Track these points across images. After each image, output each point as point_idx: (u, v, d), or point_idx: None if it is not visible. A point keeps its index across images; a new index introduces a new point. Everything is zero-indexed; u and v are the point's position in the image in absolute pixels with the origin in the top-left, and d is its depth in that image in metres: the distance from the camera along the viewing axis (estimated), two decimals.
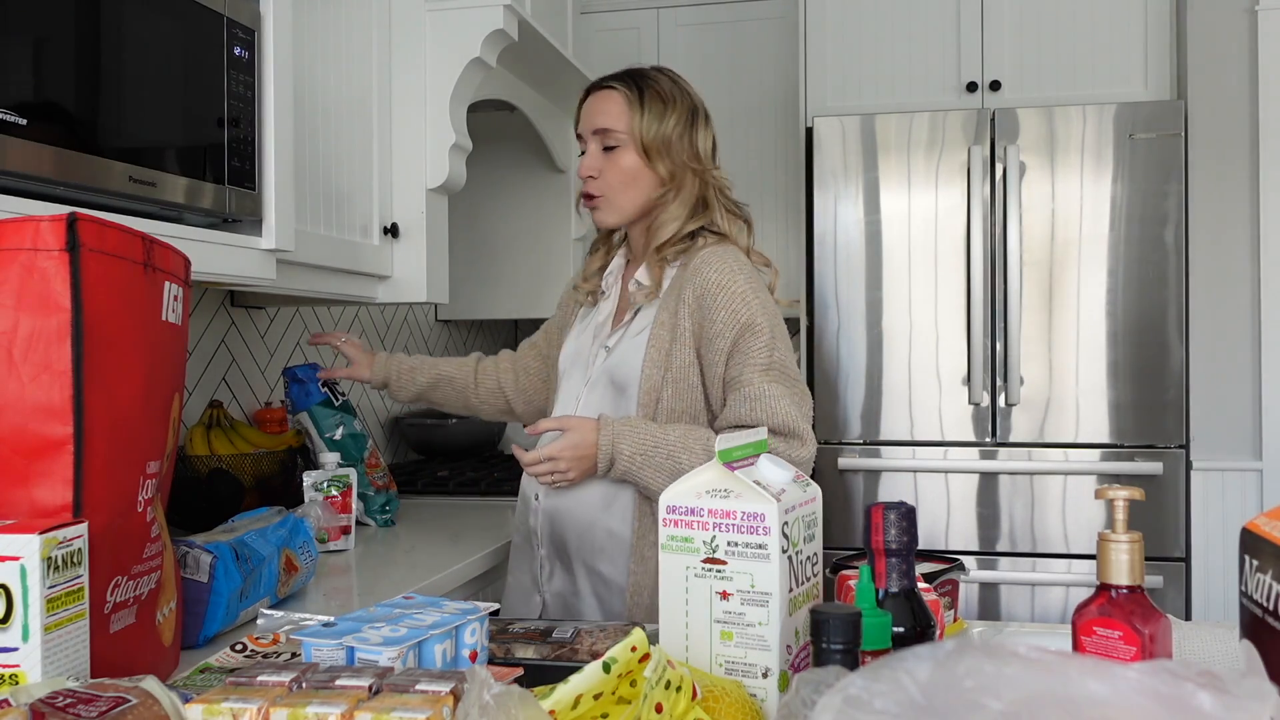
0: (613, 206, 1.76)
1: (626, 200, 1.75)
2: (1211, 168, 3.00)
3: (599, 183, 1.75)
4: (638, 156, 1.72)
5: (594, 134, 1.75)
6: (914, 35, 3.25)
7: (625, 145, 1.73)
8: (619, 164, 1.73)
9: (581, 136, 1.78)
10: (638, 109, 1.73)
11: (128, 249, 1.03)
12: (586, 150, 1.76)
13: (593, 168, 1.75)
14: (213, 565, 1.31)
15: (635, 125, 1.72)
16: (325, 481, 1.96)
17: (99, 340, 0.98)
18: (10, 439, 0.94)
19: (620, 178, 1.74)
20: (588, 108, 1.77)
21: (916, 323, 3.04)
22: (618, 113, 1.73)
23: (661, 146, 1.72)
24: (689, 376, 1.66)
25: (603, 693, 0.77)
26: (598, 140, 1.75)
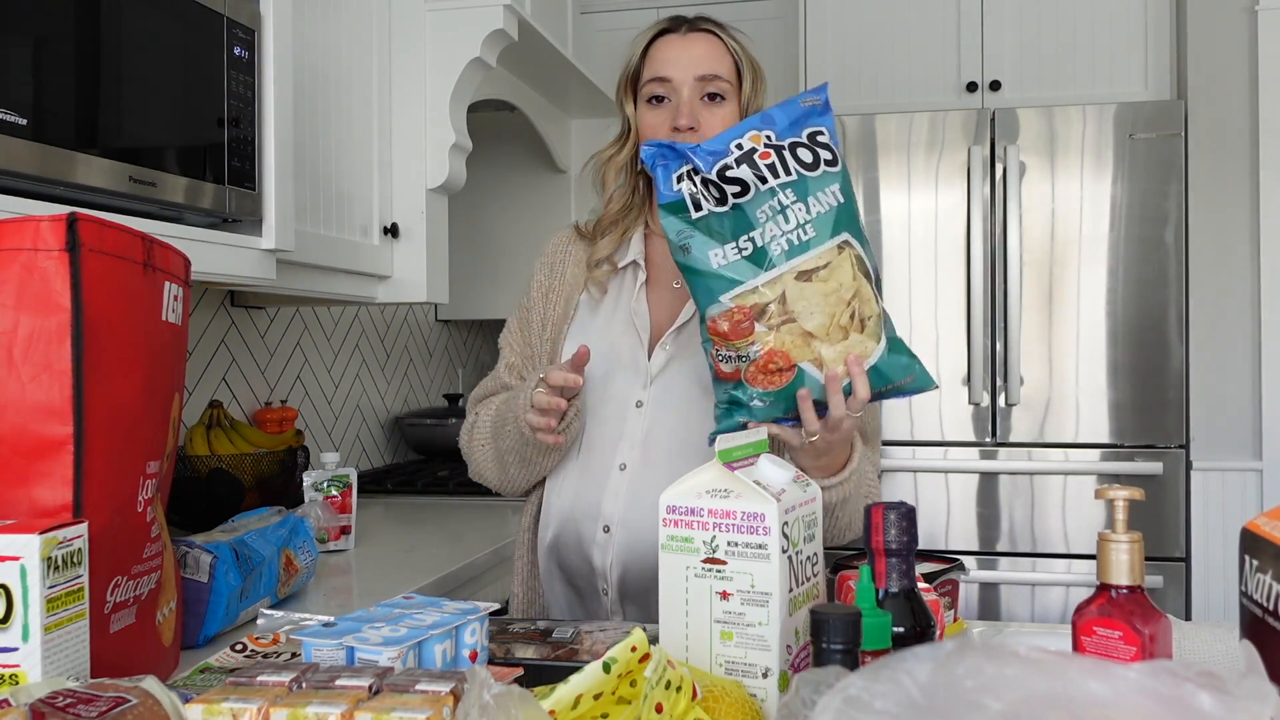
0: None
1: None
2: (1211, 168, 3.00)
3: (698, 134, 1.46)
4: (738, 116, 1.49)
5: (697, 80, 1.47)
6: (914, 35, 3.25)
7: (730, 99, 1.49)
8: (723, 118, 1.48)
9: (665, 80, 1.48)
10: (746, 69, 1.51)
11: (128, 249, 1.03)
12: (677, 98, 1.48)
13: (695, 117, 1.47)
14: (213, 565, 1.31)
15: (745, 85, 1.51)
16: (325, 481, 1.96)
17: (99, 340, 0.98)
18: (10, 439, 0.94)
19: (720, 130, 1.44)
20: (680, 49, 1.50)
21: (916, 323, 3.04)
22: (726, 62, 1.50)
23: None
24: None
25: (603, 693, 0.77)
26: (699, 86, 1.48)
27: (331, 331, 2.75)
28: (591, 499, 1.46)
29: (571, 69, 2.85)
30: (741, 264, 1.23)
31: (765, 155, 1.25)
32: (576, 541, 1.48)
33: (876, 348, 1.23)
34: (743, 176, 1.24)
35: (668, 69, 1.49)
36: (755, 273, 1.22)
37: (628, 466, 1.45)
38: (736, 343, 1.23)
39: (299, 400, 2.59)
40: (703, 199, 1.26)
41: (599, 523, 1.45)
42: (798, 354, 1.22)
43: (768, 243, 1.22)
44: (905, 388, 1.26)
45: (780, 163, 1.25)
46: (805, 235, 1.22)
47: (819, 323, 1.22)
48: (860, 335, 1.23)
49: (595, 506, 1.46)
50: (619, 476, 1.45)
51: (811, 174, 1.25)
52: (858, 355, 1.22)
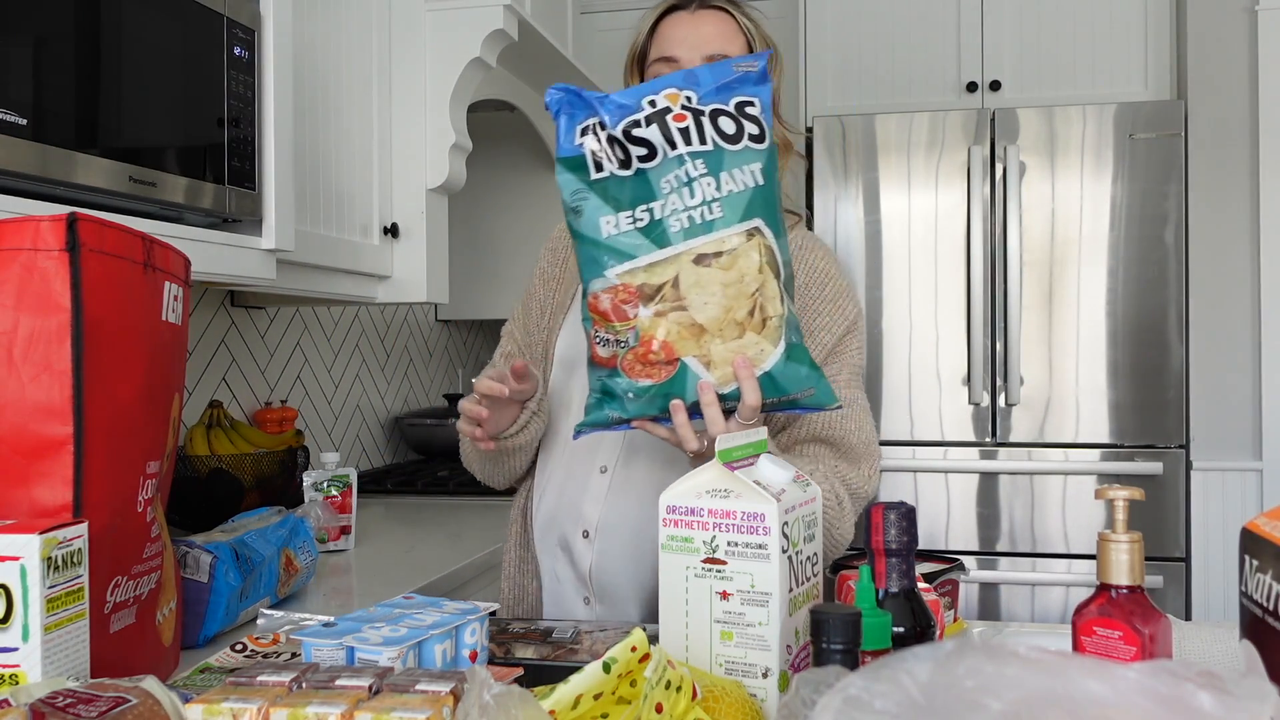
0: None
1: None
2: (1211, 168, 3.00)
3: None
4: None
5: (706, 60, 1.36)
6: (914, 35, 3.25)
7: None
8: None
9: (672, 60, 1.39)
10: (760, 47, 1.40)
11: (128, 249, 1.03)
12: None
13: None
14: (213, 565, 1.31)
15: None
16: (325, 481, 1.96)
17: (99, 340, 0.98)
18: (10, 439, 0.94)
19: None
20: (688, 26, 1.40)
21: (916, 323, 3.04)
22: (737, 40, 1.39)
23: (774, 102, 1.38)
24: None
25: (603, 693, 0.77)
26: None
27: (331, 331, 2.76)
28: (573, 502, 1.42)
29: (571, 69, 2.85)
30: (635, 236, 1.10)
31: (680, 118, 1.11)
32: (562, 545, 1.44)
33: (774, 352, 1.10)
34: (650, 138, 1.11)
35: (675, 48, 1.39)
36: (648, 249, 1.10)
37: (609, 469, 1.40)
38: (616, 325, 1.11)
39: (299, 400, 2.59)
40: (605, 159, 1.11)
41: (579, 527, 1.41)
42: (683, 347, 1.09)
43: (666, 216, 1.09)
44: (801, 402, 1.13)
45: (696, 128, 1.11)
46: (710, 214, 1.09)
47: (712, 315, 1.09)
48: (757, 335, 1.10)
49: (576, 510, 1.41)
50: (600, 479, 1.40)
51: (731, 147, 1.11)
52: (749, 358, 1.09)
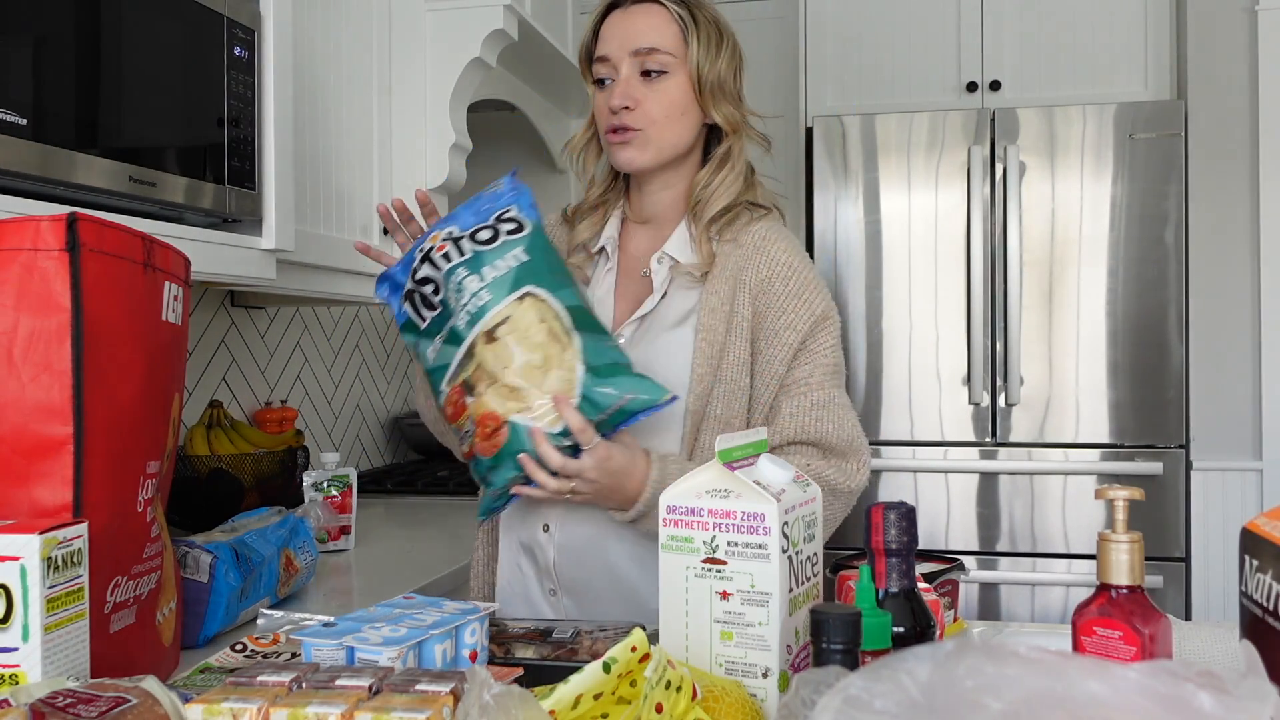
0: (652, 143, 1.40)
1: (671, 137, 1.41)
2: (1211, 168, 3.00)
3: (637, 114, 1.38)
4: (690, 89, 1.40)
5: (633, 55, 1.39)
6: (914, 35, 3.25)
7: (675, 73, 1.39)
8: (667, 93, 1.39)
9: (605, 60, 1.41)
10: (693, 34, 1.39)
11: (128, 249, 1.03)
12: (618, 76, 1.40)
13: (630, 96, 1.38)
14: (213, 565, 1.31)
15: (691, 53, 1.39)
16: (325, 481, 1.96)
17: (99, 340, 0.98)
18: (10, 439, 0.94)
19: (666, 109, 1.39)
20: (619, 24, 1.41)
21: (916, 323, 3.04)
22: (666, 32, 1.39)
23: (717, 85, 1.41)
24: (740, 378, 1.36)
25: (603, 693, 0.77)
26: (636, 63, 1.39)
27: (331, 331, 2.76)
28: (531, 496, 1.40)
29: (571, 69, 2.85)
30: (446, 350, 1.27)
31: (441, 248, 1.29)
32: (523, 541, 1.43)
33: (577, 380, 1.22)
34: (429, 274, 1.29)
35: (606, 47, 1.41)
36: (454, 353, 1.27)
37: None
38: (459, 422, 1.27)
39: (299, 400, 2.59)
40: (416, 312, 1.31)
41: (539, 520, 1.40)
42: (503, 408, 1.23)
43: (456, 321, 1.26)
44: (631, 407, 1.23)
45: (455, 248, 1.29)
46: (481, 300, 1.25)
47: (516, 371, 1.23)
48: (561, 371, 1.22)
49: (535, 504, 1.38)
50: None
51: (488, 248, 1.28)
52: (561, 392, 1.22)
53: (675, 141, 1.41)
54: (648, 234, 1.47)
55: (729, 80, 1.43)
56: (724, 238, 1.41)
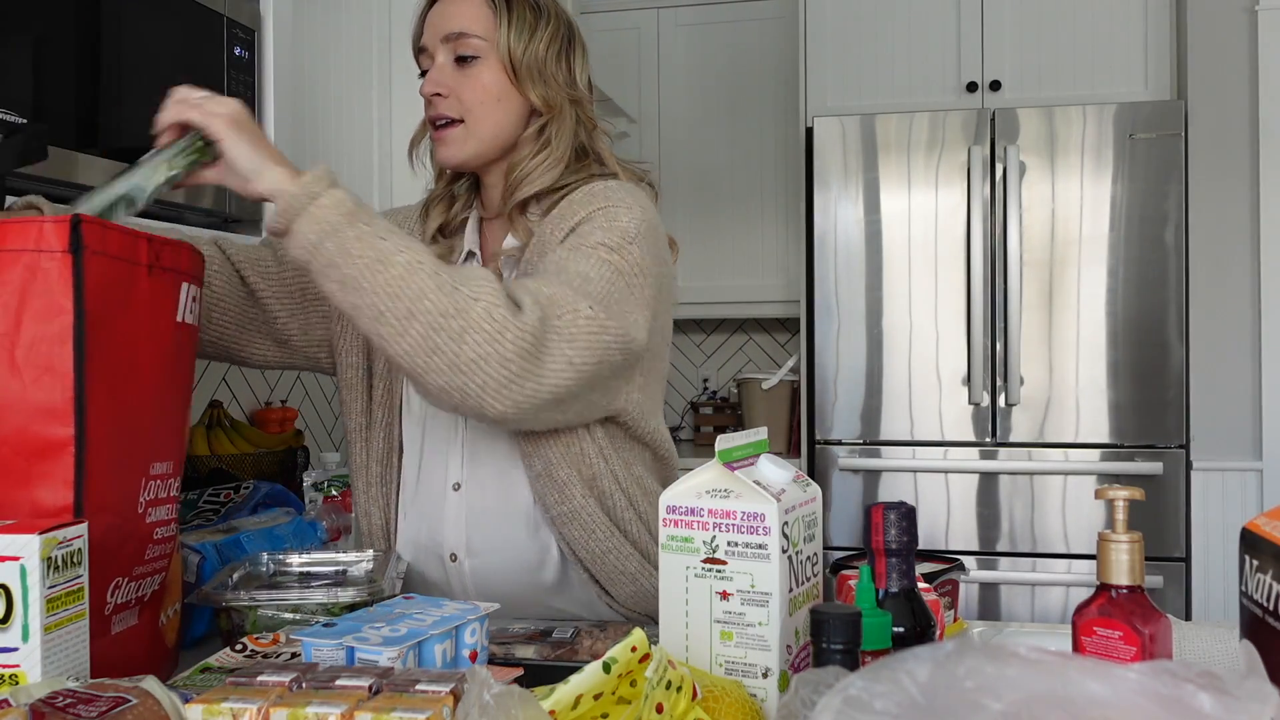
0: (471, 135, 1.33)
1: (489, 126, 1.33)
2: (1211, 168, 3.00)
3: (451, 101, 1.32)
4: (503, 73, 1.32)
5: (444, 42, 1.33)
6: (914, 35, 3.25)
7: (487, 57, 1.32)
8: (479, 79, 1.32)
9: (424, 51, 1.36)
10: (504, 16, 1.32)
11: (129, 251, 1.03)
12: (432, 65, 1.35)
13: (441, 83, 1.32)
14: (199, 565, 1.30)
15: (501, 35, 1.32)
16: (325, 481, 1.96)
17: (102, 342, 0.98)
18: (12, 440, 0.94)
19: (480, 96, 1.32)
20: (435, 13, 1.36)
21: (916, 323, 3.04)
22: (476, 15, 1.33)
23: (534, 66, 1.33)
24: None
25: (603, 693, 0.77)
26: (448, 49, 1.33)
27: None
28: (431, 526, 1.35)
29: None
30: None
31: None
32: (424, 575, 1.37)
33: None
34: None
35: (424, 37, 1.36)
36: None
37: (461, 486, 1.34)
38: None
39: (299, 400, 2.59)
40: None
41: (444, 551, 1.34)
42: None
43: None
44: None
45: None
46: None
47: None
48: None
49: (436, 534, 1.34)
50: (455, 498, 1.34)
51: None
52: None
53: (495, 131, 1.33)
54: (500, 228, 1.39)
55: (549, 61, 1.34)
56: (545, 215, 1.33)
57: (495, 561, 1.33)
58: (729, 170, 3.51)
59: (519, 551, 1.33)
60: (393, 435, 1.39)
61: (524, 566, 1.33)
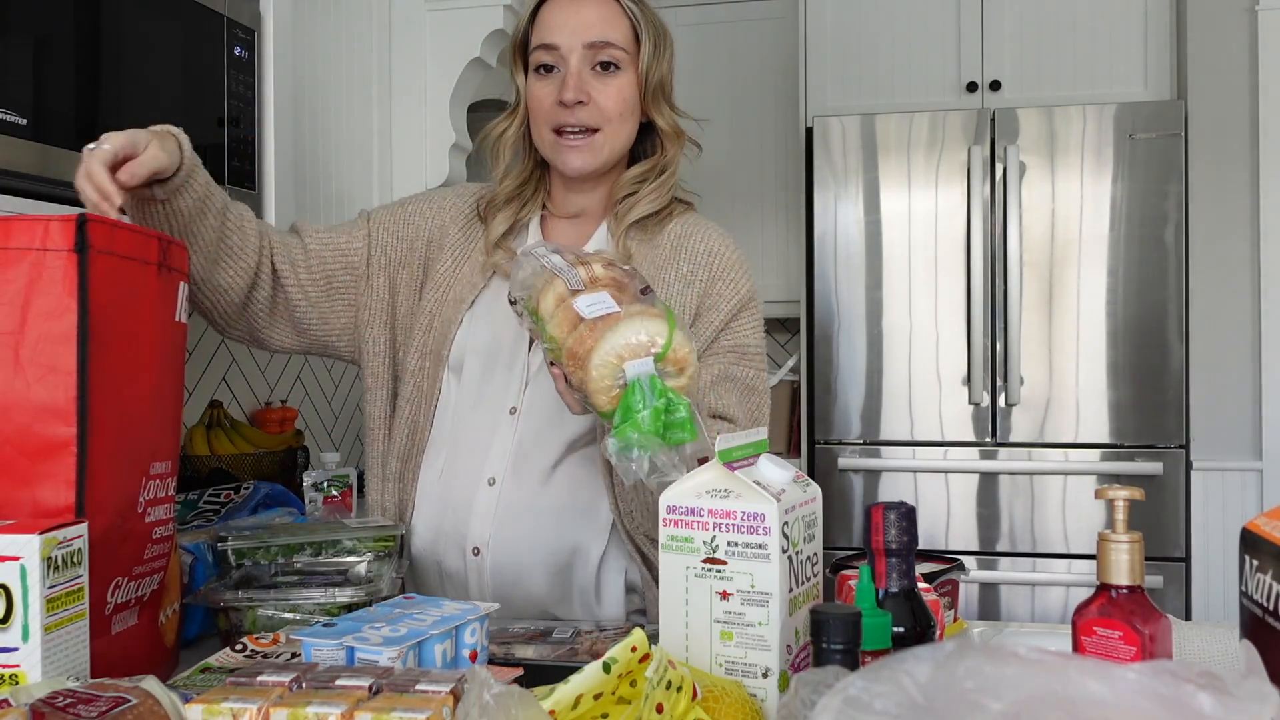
0: (606, 144, 1.33)
1: (621, 137, 1.34)
2: (1211, 168, 3.00)
3: (591, 110, 1.31)
4: (637, 89, 1.34)
5: (586, 48, 1.31)
6: (914, 35, 3.25)
7: (627, 69, 1.32)
8: (620, 90, 1.32)
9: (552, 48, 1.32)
10: (646, 32, 1.33)
11: (140, 250, 1.03)
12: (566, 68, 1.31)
13: (584, 90, 1.30)
14: (192, 566, 1.30)
15: (644, 52, 1.33)
16: (325, 481, 1.96)
17: (105, 341, 0.98)
18: (15, 439, 0.94)
19: (619, 106, 1.32)
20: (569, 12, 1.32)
21: (916, 323, 3.04)
22: (620, 26, 1.32)
23: (660, 87, 1.36)
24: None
25: (603, 693, 0.77)
26: (589, 55, 1.31)
27: None
28: (457, 518, 1.32)
29: None
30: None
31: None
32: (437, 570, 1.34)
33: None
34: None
35: (554, 35, 1.32)
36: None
37: (497, 481, 1.31)
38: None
39: (299, 400, 2.59)
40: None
41: (467, 544, 1.31)
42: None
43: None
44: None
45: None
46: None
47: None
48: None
49: (462, 526, 1.31)
50: (488, 493, 1.31)
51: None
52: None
53: (623, 143, 1.36)
54: (571, 230, 1.40)
55: (669, 83, 1.38)
56: (641, 239, 1.37)
57: (518, 559, 1.31)
58: (729, 170, 3.51)
59: (544, 552, 1.31)
60: (418, 429, 1.38)
61: (546, 567, 1.31)
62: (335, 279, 1.39)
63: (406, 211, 1.44)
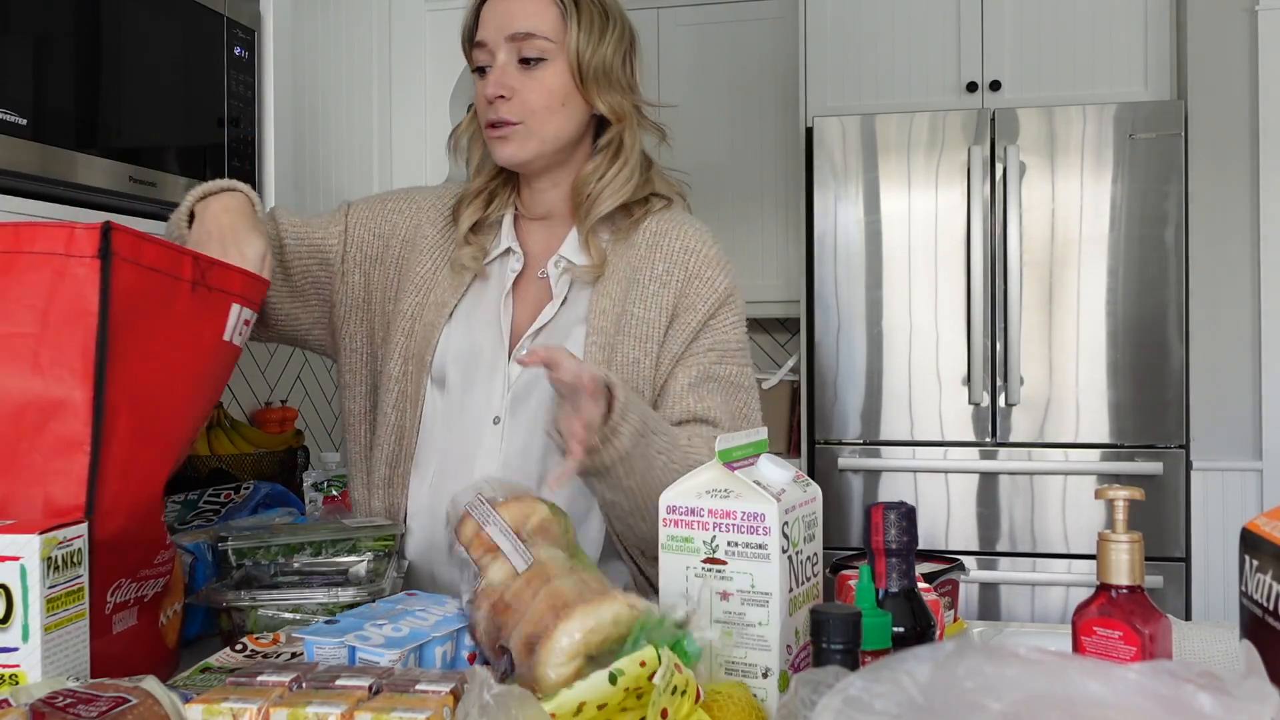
0: (533, 135, 1.30)
1: (552, 129, 1.30)
2: (1211, 168, 3.00)
3: (514, 104, 1.28)
4: (570, 77, 1.30)
5: (509, 41, 1.29)
6: (914, 35, 3.25)
7: (554, 59, 1.29)
8: (544, 82, 1.29)
9: (482, 45, 1.31)
10: (573, 17, 1.29)
11: (170, 265, 1.03)
12: (493, 64, 1.30)
13: (506, 85, 1.28)
14: (191, 566, 1.30)
15: (570, 37, 1.29)
16: (325, 481, 1.96)
17: (128, 349, 0.97)
18: (30, 436, 0.94)
19: (545, 99, 1.29)
20: (497, 7, 1.31)
21: (916, 323, 3.04)
22: (544, 15, 1.29)
23: (602, 72, 1.31)
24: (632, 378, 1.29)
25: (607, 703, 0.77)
26: (512, 49, 1.29)
27: None
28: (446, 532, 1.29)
29: None
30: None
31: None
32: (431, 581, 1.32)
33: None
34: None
35: (483, 31, 1.31)
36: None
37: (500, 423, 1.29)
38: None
39: (299, 400, 2.59)
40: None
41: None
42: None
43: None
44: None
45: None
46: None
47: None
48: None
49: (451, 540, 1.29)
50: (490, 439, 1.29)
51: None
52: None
53: (557, 134, 1.31)
54: (543, 231, 1.38)
55: (616, 66, 1.33)
56: (616, 238, 1.34)
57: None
58: (729, 170, 3.51)
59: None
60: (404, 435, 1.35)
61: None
62: (310, 273, 1.38)
63: (386, 208, 1.42)
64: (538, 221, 1.39)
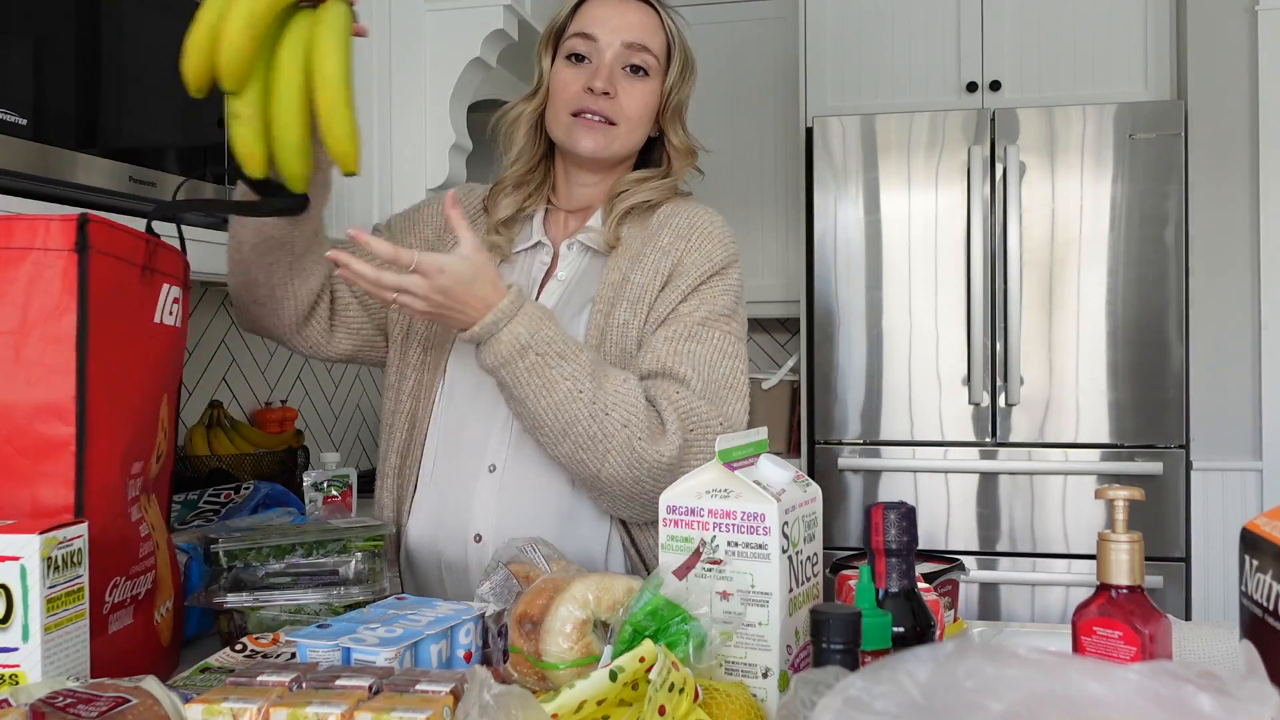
0: (618, 138, 1.38)
1: (634, 138, 1.40)
2: (1211, 168, 3.00)
3: (615, 104, 1.36)
4: (658, 100, 1.40)
5: (625, 46, 1.36)
6: (914, 35, 3.25)
7: (654, 78, 1.39)
8: (643, 95, 1.38)
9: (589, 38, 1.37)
10: (677, 53, 1.41)
11: (129, 251, 1.03)
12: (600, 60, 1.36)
13: (613, 84, 1.35)
14: (187, 565, 1.29)
15: (673, 69, 1.41)
16: (325, 481, 1.96)
17: (102, 341, 0.98)
18: (14, 438, 0.94)
19: (640, 110, 1.38)
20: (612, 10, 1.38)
21: (916, 323, 3.04)
22: (657, 37, 1.39)
23: (680, 108, 1.43)
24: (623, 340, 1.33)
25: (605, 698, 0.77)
26: (625, 54, 1.36)
27: None
28: (458, 506, 1.33)
29: None
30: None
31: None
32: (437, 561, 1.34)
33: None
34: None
35: (595, 27, 1.37)
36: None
37: (498, 468, 1.32)
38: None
39: (299, 400, 2.59)
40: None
41: (469, 532, 1.31)
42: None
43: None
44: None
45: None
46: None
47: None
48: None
49: (463, 514, 1.32)
50: (489, 480, 1.32)
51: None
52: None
53: (634, 144, 1.41)
54: (574, 223, 1.44)
55: (685, 109, 1.45)
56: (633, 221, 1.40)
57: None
58: (729, 170, 3.51)
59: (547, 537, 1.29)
60: (416, 423, 1.39)
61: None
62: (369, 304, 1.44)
63: (421, 215, 1.48)
64: (569, 214, 1.44)
